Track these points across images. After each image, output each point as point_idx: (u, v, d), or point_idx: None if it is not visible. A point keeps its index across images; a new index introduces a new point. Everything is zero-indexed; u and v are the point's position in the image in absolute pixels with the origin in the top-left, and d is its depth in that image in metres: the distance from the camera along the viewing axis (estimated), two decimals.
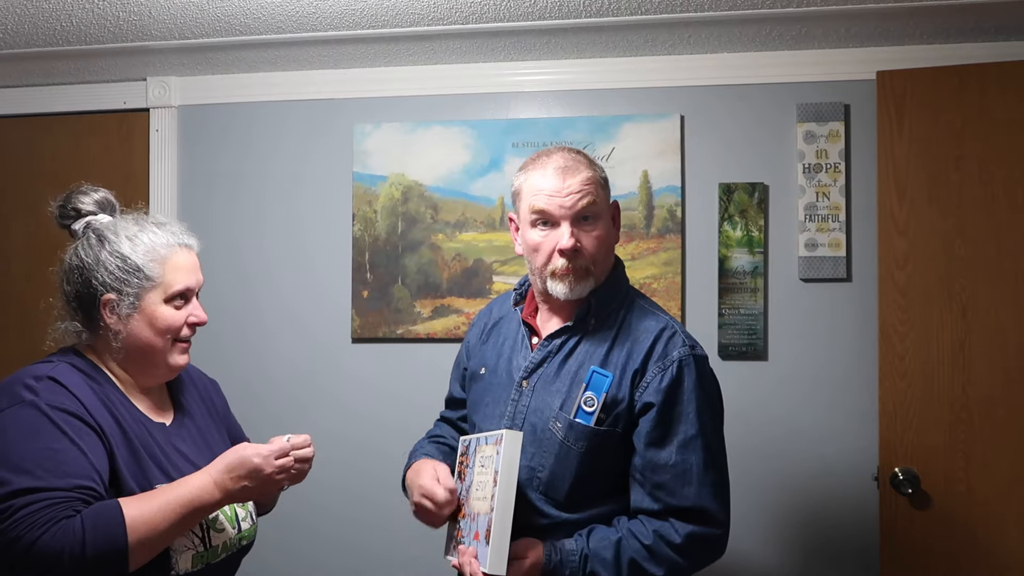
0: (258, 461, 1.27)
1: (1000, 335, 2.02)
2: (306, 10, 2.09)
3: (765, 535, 2.26)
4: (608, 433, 1.42)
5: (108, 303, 1.32)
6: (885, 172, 2.10)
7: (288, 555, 2.41)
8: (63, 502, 1.16)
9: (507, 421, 1.49)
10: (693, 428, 1.40)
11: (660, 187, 2.32)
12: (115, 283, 1.32)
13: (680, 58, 2.33)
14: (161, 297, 1.34)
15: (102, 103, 2.59)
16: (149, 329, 1.34)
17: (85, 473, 1.20)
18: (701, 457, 1.40)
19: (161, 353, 1.36)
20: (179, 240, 1.38)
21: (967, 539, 2.02)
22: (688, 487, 1.39)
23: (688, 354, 1.43)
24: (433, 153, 2.41)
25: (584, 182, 1.44)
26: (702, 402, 1.42)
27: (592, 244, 1.44)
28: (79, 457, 1.21)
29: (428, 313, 2.41)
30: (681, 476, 1.39)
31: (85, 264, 1.33)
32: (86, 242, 1.36)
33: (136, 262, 1.32)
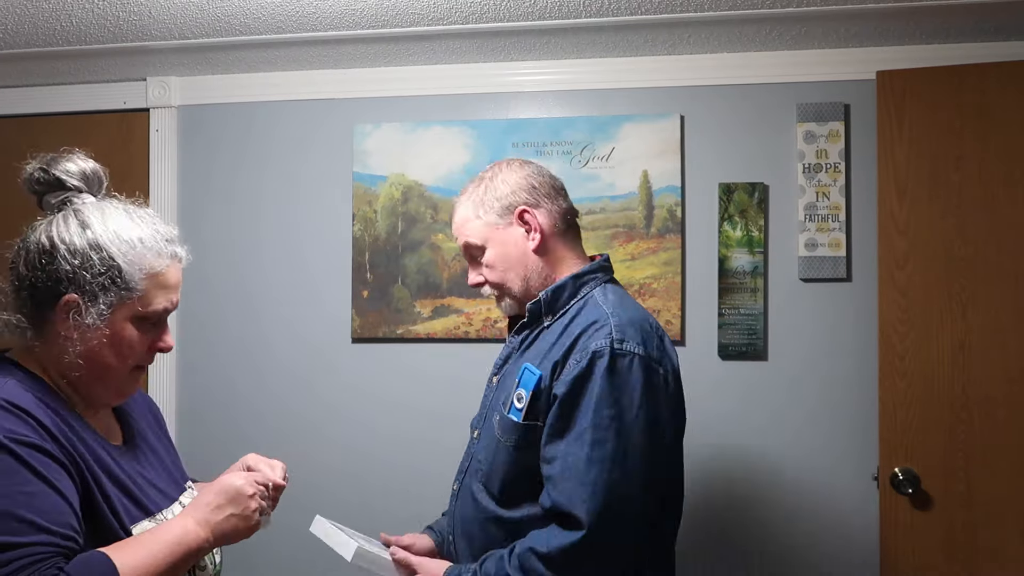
0: (239, 483, 1.15)
1: (1000, 335, 2.02)
2: (306, 10, 2.09)
3: (765, 535, 2.26)
4: (532, 427, 1.41)
5: (69, 305, 1.08)
6: (885, 172, 2.10)
7: (287, 557, 2.41)
8: (46, 557, 0.97)
9: (477, 418, 1.60)
10: (587, 421, 1.34)
11: (660, 187, 2.32)
12: (87, 284, 1.08)
13: (680, 58, 2.33)
14: (132, 314, 1.11)
15: (102, 103, 2.59)
16: (110, 349, 1.11)
17: (64, 520, 1.01)
18: (587, 453, 1.32)
19: (116, 378, 1.14)
20: (173, 251, 1.16)
21: (967, 539, 2.02)
22: (567, 482, 1.33)
23: (605, 346, 1.36)
24: (433, 153, 2.41)
25: (459, 225, 1.54)
26: (605, 396, 1.34)
27: (488, 274, 1.53)
28: (57, 501, 1.01)
29: (428, 313, 2.41)
30: (565, 470, 1.34)
31: (57, 249, 1.08)
32: (63, 222, 1.11)
33: (121, 266, 1.09)
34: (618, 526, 1.33)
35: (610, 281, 1.55)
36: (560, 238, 1.53)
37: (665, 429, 1.40)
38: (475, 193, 1.54)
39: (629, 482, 1.33)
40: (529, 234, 1.51)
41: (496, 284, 1.53)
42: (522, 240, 1.51)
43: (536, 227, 1.51)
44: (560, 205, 1.54)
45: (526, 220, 1.51)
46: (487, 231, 1.52)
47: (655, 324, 1.48)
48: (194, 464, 2.47)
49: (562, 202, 1.55)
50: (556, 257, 1.53)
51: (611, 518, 1.31)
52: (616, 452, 1.33)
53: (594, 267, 1.53)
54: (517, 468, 1.42)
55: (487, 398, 1.59)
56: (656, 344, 1.43)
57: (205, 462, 2.47)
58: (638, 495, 1.34)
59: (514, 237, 1.51)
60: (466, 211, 1.53)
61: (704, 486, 2.29)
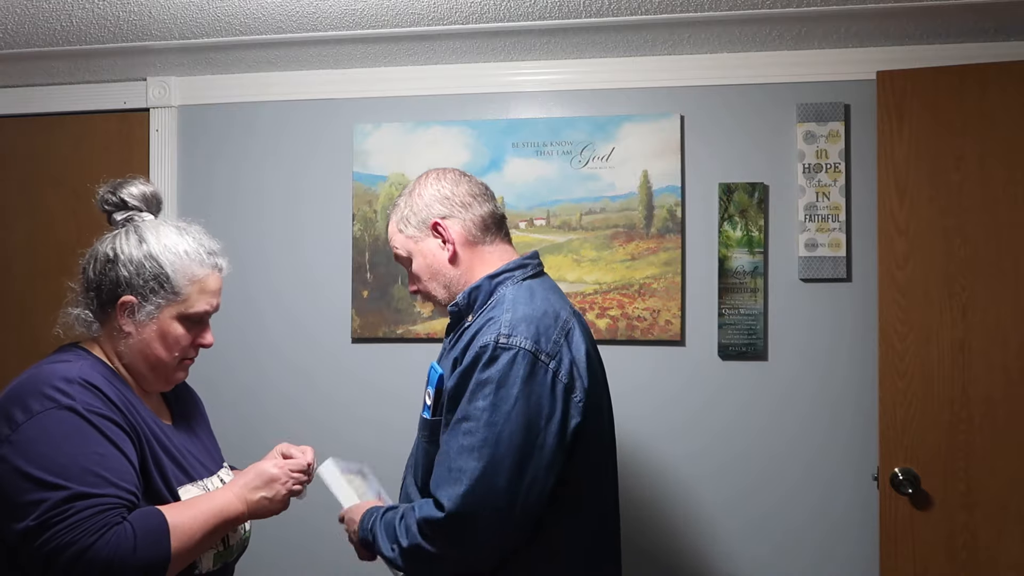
0: (275, 471, 1.37)
1: (1000, 335, 2.02)
2: (306, 10, 2.09)
3: (765, 535, 2.26)
4: (438, 423, 1.47)
5: (126, 305, 1.31)
6: (885, 172, 2.10)
7: (288, 556, 2.41)
8: (113, 508, 1.17)
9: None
10: (462, 412, 1.38)
11: (660, 187, 2.32)
12: (140, 288, 1.31)
13: (680, 58, 2.33)
14: (177, 313, 1.34)
15: (102, 103, 2.59)
16: (159, 342, 1.33)
17: (130, 478, 1.21)
18: (458, 442, 1.37)
19: (163, 367, 1.36)
20: (214, 262, 1.39)
21: (967, 539, 2.02)
22: (438, 467, 1.39)
23: (490, 341, 1.39)
24: (433, 153, 2.41)
25: (391, 239, 1.63)
26: (481, 388, 1.37)
27: (418, 282, 1.61)
28: (124, 462, 1.21)
29: (428, 313, 2.41)
30: (440, 458, 1.40)
31: (119, 258, 1.32)
32: (125, 236, 1.34)
33: (168, 274, 1.32)
34: (479, 514, 1.35)
35: (533, 277, 1.55)
36: (477, 244, 1.56)
37: (548, 424, 1.38)
38: (399, 208, 1.61)
39: (495, 472, 1.34)
40: (444, 245, 1.56)
41: (424, 292, 1.61)
42: (438, 250, 1.57)
43: (448, 238, 1.56)
44: (476, 212, 1.57)
45: (439, 232, 1.56)
46: (409, 244, 1.59)
47: (564, 318, 1.47)
48: None
49: (479, 209, 1.57)
50: (473, 263, 1.56)
51: (470, 505, 1.34)
52: (484, 442, 1.35)
53: (510, 266, 1.55)
54: (431, 462, 1.47)
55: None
56: (554, 339, 1.42)
57: None
58: (504, 487, 1.34)
59: (431, 248, 1.57)
60: (392, 225, 1.62)
61: (704, 486, 2.29)
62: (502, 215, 1.62)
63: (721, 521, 2.29)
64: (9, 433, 1.18)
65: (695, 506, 2.30)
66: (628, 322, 2.31)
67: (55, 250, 2.57)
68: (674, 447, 2.31)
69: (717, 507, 2.29)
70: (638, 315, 2.31)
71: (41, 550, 1.13)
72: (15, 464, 1.16)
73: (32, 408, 1.19)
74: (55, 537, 1.12)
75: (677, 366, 2.31)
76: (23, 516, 1.13)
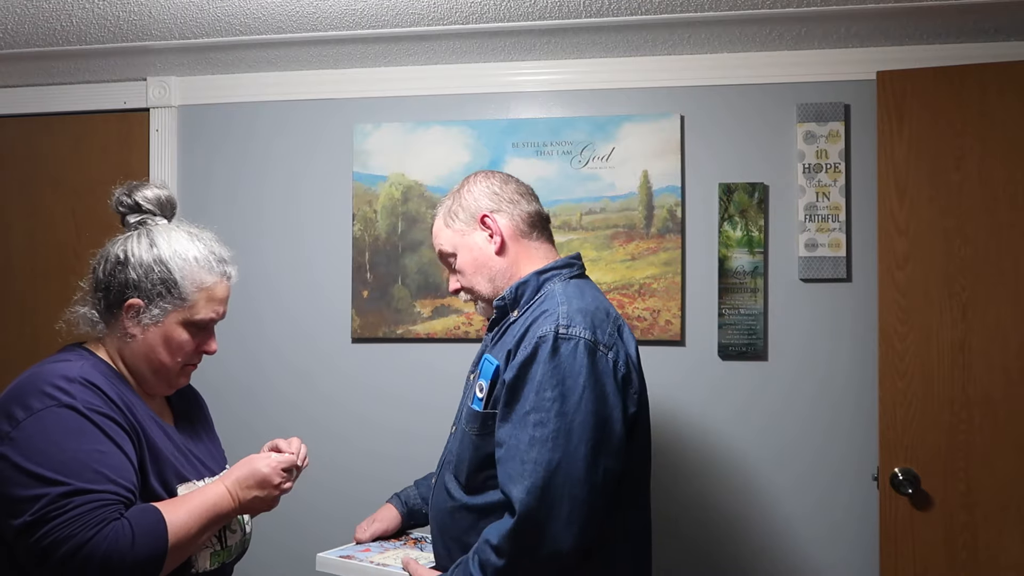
0: (266, 471, 1.35)
1: (1000, 335, 2.02)
2: (306, 10, 2.09)
3: (765, 535, 2.26)
4: (491, 415, 1.45)
5: (132, 308, 1.32)
6: (885, 172, 2.10)
7: (286, 555, 2.41)
8: (111, 504, 1.18)
9: (457, 413, 1.65)
10: (529, 404, 1.36)
11: (660, 187, 2.32)
12: (148, 291, 1.32)
13: (680, 58, 2.33)
14: (182, 319, 1.35)
15: (102, 103, 2.59)
16: (163, 347, 1.34)
17: (128, 476, 1.22)
18: (528, 434, 1.35)
19: (167, 372, 1.36)
20: (223, 270, 1.39)
21: (967, 539, 2.02)
22: (509, 463, 1.36)
23: (550, 331, 1.39)
24: (433, 153, 2.41)
25: (434, 236, 1.65)
26: (547, 378, 1.36)
27: (463, 279, 1.62)
28: (123, 459, 1.22)
29: (428, 313, 2.41)
30: (508, 451, 1.37)
31: (129, 260, 1.32)
32: (137, 239, 1.34)
33: (177, 279, 1.32)
34: (556, 508, 1.32)
35: (578, 277, 1.58)
36: (523, 239, 1.60)
37: (613, 412, 1.39)
38: (446, 205, 1.64)
39: (571, 462, 1.33)
40: (492, 237, 1.59)
41: (468, 288, 1.62)
42: (485, 243, 1.59)
43: (496, 231, 1.58)
44: (523, 208, 1.61)
45: (487, 224, 1.59)
46: (455, 238, 1.61)
47: (615, 315, 1.50)
48: None
49: (526, 206, 1.62)
50: (519, 257, 1.59)
51: (550, 498, 1.32)
52: (557, 433, 1.34)
53: (559, 263, 1.58)
54: (480, 455, 1.47)
55: (464, 395, 1.66)
56: (609, 332, 1.44)
57: None
58: (581, 477, 1.34)
59: (478, 241, 1.59)
60: (439, 222, 1.64)
61: (704, 486, 2.29)
62: (547, 216, 1.67)
63: (720, 521, 2.29)
64: (10, 430, 1.19)
65: (695, 506, 2.30)
66: (628, 322, 2.30)
67: (55, 250, 2.57)
68: (673, 447, 2.31)
69: (717, 507, 2.29)
70: (638, 315, 2.31)
71: (39, 544, 1.13)
72: (15, 461, 1.17)
73: (33, 406, 1.20)
74: (53, 531, 1.13)
75: (677, 366, 2.31)
76: (22, 511, 1.14)
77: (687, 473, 2.30)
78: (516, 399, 1.39)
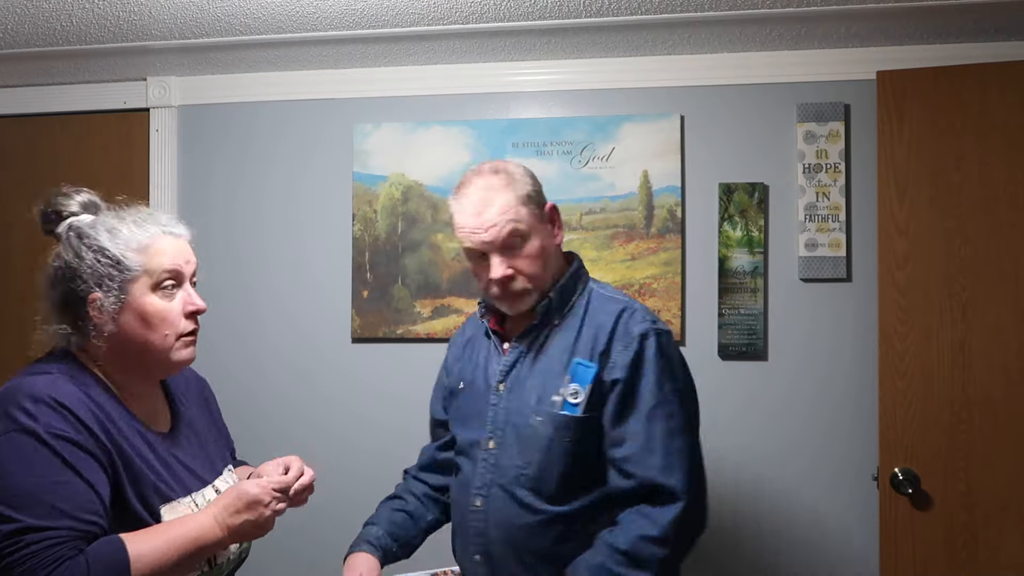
0: (255, 491, 1.26)
1: (1000, 335, 2.02)
2: (306, 10, 2.09)
3: (765, 535, 2.26)
4: (590, 419, 1.45)
5: (94, 302, 1.25)
6: (885, 172, 2.10)
7: (285, 557, 2.41)
8: (68, 540, 1.11)
9: (488, 426, 1.53)
10: (654, 399, 1.43)
11: (660, 187, 2.32)
12: (97, 279, 1.25)
13: (680, 58, 2.33)
14: (148, 286, 1.26)
15: (102, 103, 2.59)
16: (140, 323, 1.26)
17: (92, 508, 1.14)
18: (664, 426, 1.42)
19: (158, 350, 1.28)
20: (163, 229, 1.31)
21: (967, 539, 2.02)
22: (653, 457, 1.41)
23: (649, 328, 1.46)
24: (433, 153, 2.41)
25: (502, 211, 1.44)
26: (663, 373, 1.44)
27: (525, 265, 1.47)
28: (85, 490, 1.15)
29: (428, 313, 2.41)
30: (646, 448, 1.41)
31: (67, 264, 1.27)
32: (67, 243, 1.29)
33: (115, 253, 1.25)
34: (702, 488, 1.46)
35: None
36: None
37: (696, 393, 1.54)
38: (516, 182, 1.48)
39: (697, 445, 1.48)
40: (557, 231, 1.55)
41: (532, 275, 1.48)
42: (551, 235, 1.53)
43: (559, 224, 1.55)
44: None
45: (553, 217, 1.54)
46: (532, 220, 1.48)
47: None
48: None
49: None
50: (560, 256, 1.58)
51: (696, 482, 1.44)
52: (686, 421, 1.46)
53: (582, 265, 1.61)
54: (575, 462, 1.45)
55: (495, 407, 1.54)
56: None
57: None
58: (702, 456, 1.48)
59: (548, 231, 1.52)
60: (509, 198, 1.46)
61: None
62: None
63: (720, 521, 2.28)
64: None
65: None
66: None
67: None
68: None
69: (716, 507, 2.28)
70: None
71: None
72: None
73: None
74: (5, 571, 1.08)
75: None
76: None
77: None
78: (635, 396, 1.43)
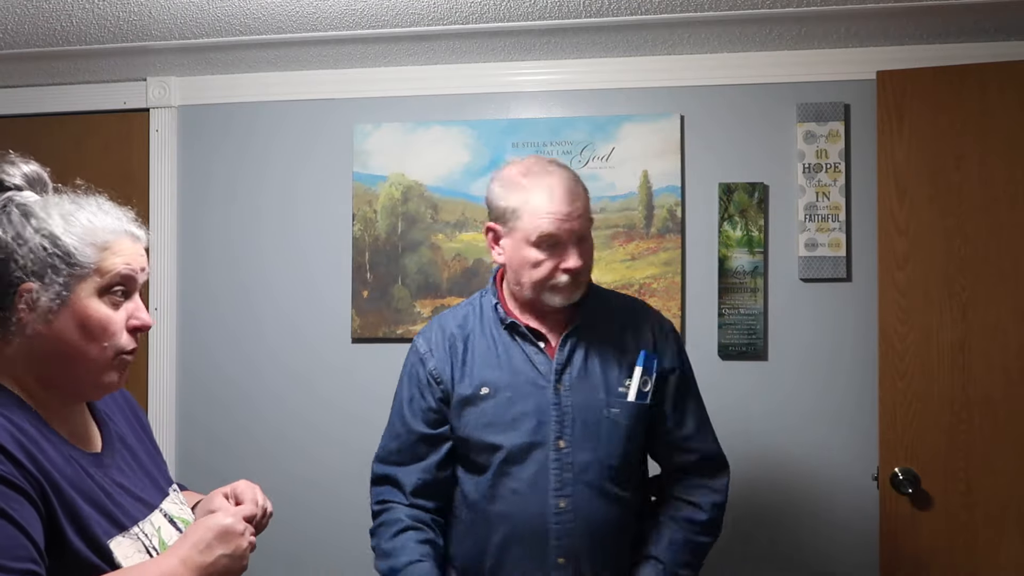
0: (227, 520, 1.10)
1: (1000, 335, 2.02)
2: (306, 10, 2.09)
3: (764, 535, 2.26)
4: (652, 406, 1.61)
5: (26, 292, 1.04)
6: (885, 172, 2.10)
7: (282, 559, 2.41)
8: None
9: (554, 425, 1.54)
10: (693, 384, 1.69)
11: (660, 187, 2.32)
12: (38, 268, 1.04)
13: (680, 58, 2.33)
14: (94, 288, 1.07)
15: (102, 103, 2.59)
16: (80, 330, 1.06)
17: (26, 555, 0.95)
18: (702, 408, 1.69)
19: (93, 366, 1.08)
20: (125, 227, 1.12)
21: (967, 539, 2.02)
22: (707, 434, 1.67)
23: (666, 319, 1.71)
24: (433, 153, 2.41)
25: (586, 205, 1.56)
26: (687, 362, 1.70)
27: (588, 258, 1.59)
28: (16, 536, 0.95)
29: (428, 313, 2.41)
30: (700, 425, 1.66)
31: (5, 245, 1.04)
32: (5, 218, 1.06)
33: (68, 244, 1.05)
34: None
35: None
36: None
37: None
38: (582, 193, 1.57)
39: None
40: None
41: (590, 269, 1.61)
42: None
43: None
44: None
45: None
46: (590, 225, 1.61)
47: None
48: (193, 464, 2.48)
49: None
50: None
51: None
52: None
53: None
54: (639, 449, 1.63)
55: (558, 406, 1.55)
56: None
57: (204, 463, 2.48)
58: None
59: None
60: (586, 194, 1.58)
61: None
62: None
63: None
64: None
65: None
66: None
67: None
68: None
69: None
70: None
71: None
72: None
73: None
74: None
75: None
76: None
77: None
78: (688, 382, 1.67)
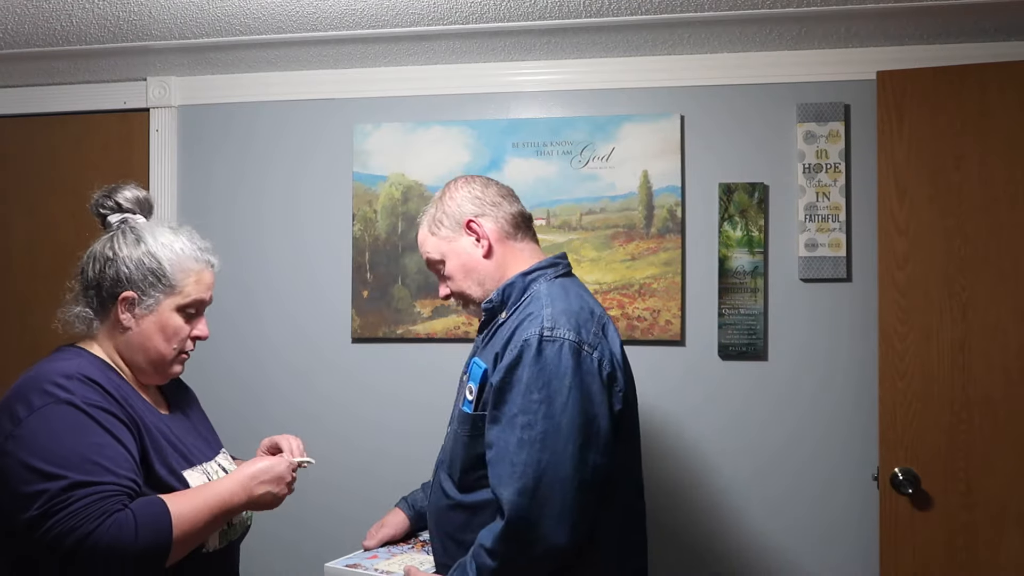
0: (282, 468, 1.43)
1: (1000, 335, 2.02)
2: (306, 10, 2.09)
3: (764, 535, 2.26)
4: (481, 417, 1.48)
5: (127, 300, 1.38)
6: (885, 172, 2.10)
7: (288, 554, 2.41)
8: (114, 495, 1.21)
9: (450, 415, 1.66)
10: (517, 407, 1.39)
11: (660, 187, 2.32)
12: (140, 282, 1.38)
13: (680, 58, 2.33)
14: (175, 305, 1.41)
15: (102, 103, 2.59)
16: (159, 333, 1.40)
17: (129, 467, 1.26)
18: (517, 436, 1.37)
19: (163, 360, 1.42)
20: (207, 258, 1.47)
21: (967, 539, 2.02)
22: (500, 465, 1.39)
23: (534, 334, 1.42)
24: (433, 153, 2.41)
25: (420, 244, 1.67)
26: (534, 381, 1.39)
27: (451, 284, 1.63)
28: (122, 451, 1.26)
29: (428, 313, 2.41)
30: (499, 455, 1.40)
31: (117, 257, 1.39)
32: (121, 236, 1.41)
33: (166, 268, 1.39)
34: (547, 507, 1.35)
35: (563, 276, 1.60)
36: (509, 240, 1.62)
37: (600, 410, 1.42)
38: (429, 213, 1.65)
39: (560, 461, 1.36)
40: (479, 241, 1.61)
41: (458, 293, 1.63)
42: (472, 248, 1.61)
43: (483, 234, 1.60)
44: (506, 210, 1.63)
45: (473, 229, 1.61)
46: (442, 245, 1.63)
47: (600, 314, 1.52)
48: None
49: (508, 207, 1.64)
50: (506, 259, 1.61)
51: (539, 498, 1.35)
52: (545, 434, 1.37)
53: (543, 264, 1.60)
54: (471, 455, 1.50)
55: (456, 396, 1.67)
56: (594, 331, 1.46)
57: None
58: (570, 475, 1.36)
59: (465, 247, 1.61)
60: (424, 231, 1.65)
61: (704, 485, 2.29)
62: (529, 215, 1.69)
63: (720, 521, 2.29)
64: (12, 428, 1.24)
65: (695, 506, 2.30)
66: (628, 322, 2.31)
67: (55, 250, 2.57)
68: (674, 447, 2.31)
69: (716, 507, 2.29)
70: (638, 315, 2.31)
71: (46, 537, 1.17)
72: (19, 457, 1.21)
73: (33, 404, 1.25)
74: (57, 524, 1.17)
75: (677, 366, 2.31)
76: (28, 506, 1.18)
77: (687, 473, 2.30)
78: (504, 402, 1.41)
